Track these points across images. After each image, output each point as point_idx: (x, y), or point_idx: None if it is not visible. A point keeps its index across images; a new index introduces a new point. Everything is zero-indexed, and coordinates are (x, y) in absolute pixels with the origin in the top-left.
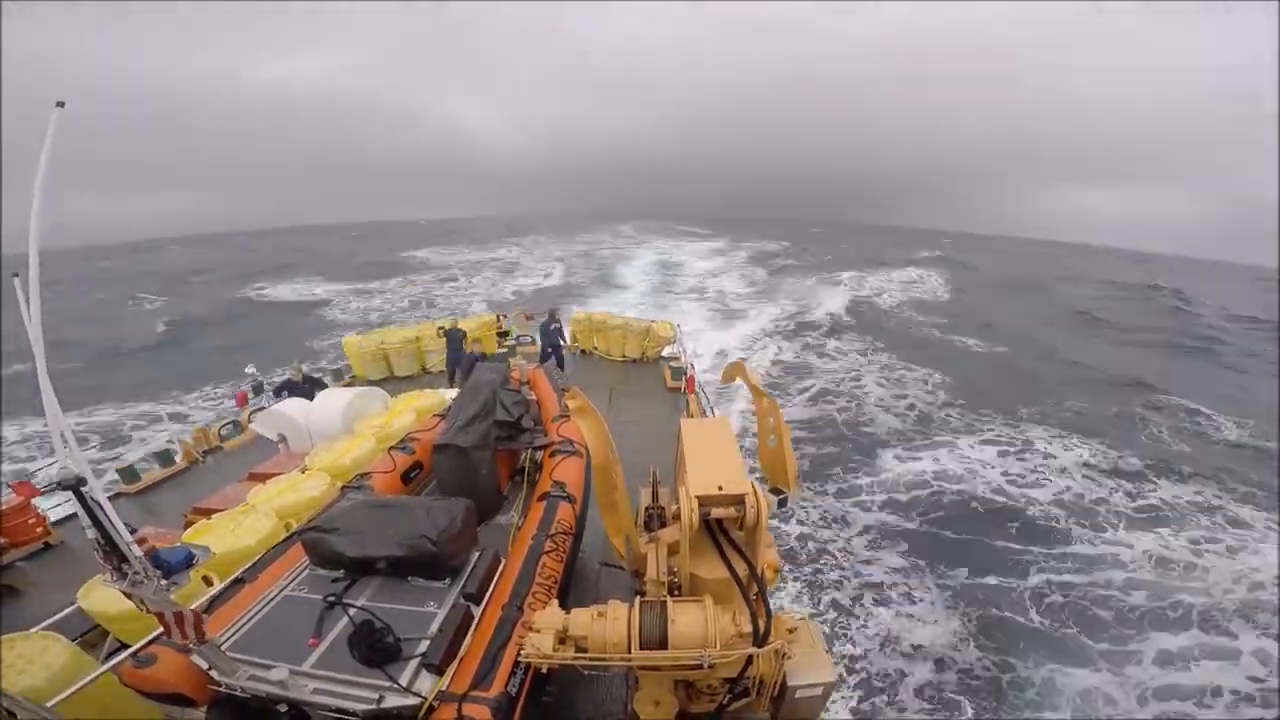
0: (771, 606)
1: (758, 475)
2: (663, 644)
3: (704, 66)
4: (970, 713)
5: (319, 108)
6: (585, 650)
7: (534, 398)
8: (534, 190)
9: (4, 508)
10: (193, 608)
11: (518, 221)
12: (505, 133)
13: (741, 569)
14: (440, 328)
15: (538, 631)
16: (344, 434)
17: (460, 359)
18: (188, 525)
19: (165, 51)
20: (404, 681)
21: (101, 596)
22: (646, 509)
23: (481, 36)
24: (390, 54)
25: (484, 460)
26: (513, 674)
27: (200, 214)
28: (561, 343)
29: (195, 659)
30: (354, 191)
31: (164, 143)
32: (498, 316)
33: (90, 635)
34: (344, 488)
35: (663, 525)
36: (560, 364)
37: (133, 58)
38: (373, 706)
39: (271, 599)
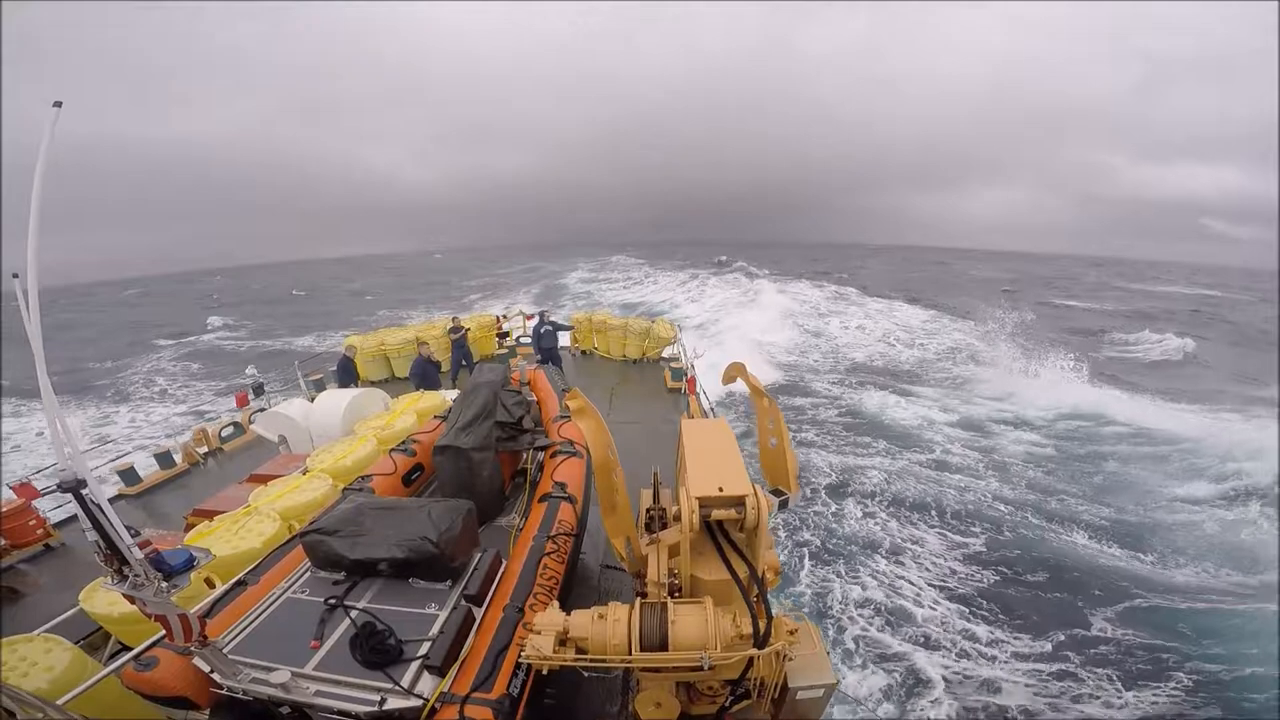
0: (772, 608)
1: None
2: (663, 645)
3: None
4: None
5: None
6: (586, 652)
7: (535, 398)
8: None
9: (5, 509)
10: (194, 610)
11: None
12: (408, 167)
13: (742, 570)
14: (448, 330)
15: (538, 633)
16: (344, 436)
17: (466, 355)
18: (189, 527)
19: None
20: (406, 683)
21: (104, 599)
22: (647, 510)
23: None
24: (279, 113)
25: (485, 462)
26: (514, 675)
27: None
28: (555, 345)
29: (197, 662)
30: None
31: (78, 193)
32: (498, 317)
33: (93, 638)
34: (345, 490)
35: (664, 527)
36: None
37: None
38: (374, 708)
39: (273, 601)
